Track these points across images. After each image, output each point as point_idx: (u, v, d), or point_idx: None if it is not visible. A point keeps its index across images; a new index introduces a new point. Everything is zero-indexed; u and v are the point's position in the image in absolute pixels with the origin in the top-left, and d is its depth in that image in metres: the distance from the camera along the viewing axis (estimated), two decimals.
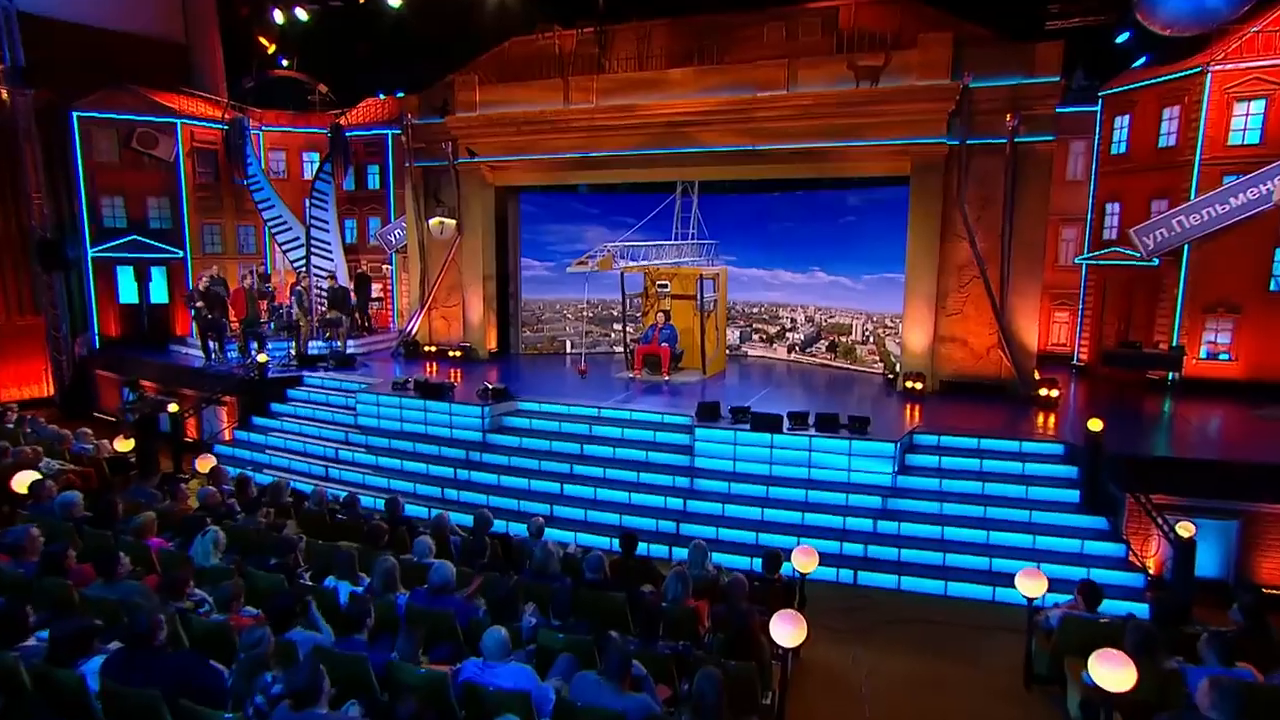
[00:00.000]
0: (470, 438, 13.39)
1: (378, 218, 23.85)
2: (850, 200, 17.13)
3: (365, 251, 24.14)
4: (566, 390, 14.75)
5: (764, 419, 11.64)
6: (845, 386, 15.72)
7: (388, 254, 23.20)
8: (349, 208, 23.99)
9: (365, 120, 23.92)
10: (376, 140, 23.46)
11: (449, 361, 18.31)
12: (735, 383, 16.16)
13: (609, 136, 16.56)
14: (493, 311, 19.20)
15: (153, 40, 23.48)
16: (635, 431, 12.68)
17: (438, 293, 19.40)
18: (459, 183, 18.49)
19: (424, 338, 19.55)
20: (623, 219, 18.08)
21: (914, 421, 12.37)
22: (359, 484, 13.02)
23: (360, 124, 23.76)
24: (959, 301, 14.58)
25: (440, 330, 19.63)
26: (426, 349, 19.15)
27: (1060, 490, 10.44)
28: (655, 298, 17.07)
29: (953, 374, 14.66)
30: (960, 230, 14.27)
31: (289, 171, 24.08)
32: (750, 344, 19.71)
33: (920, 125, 14.11)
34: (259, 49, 22.80)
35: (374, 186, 23.97)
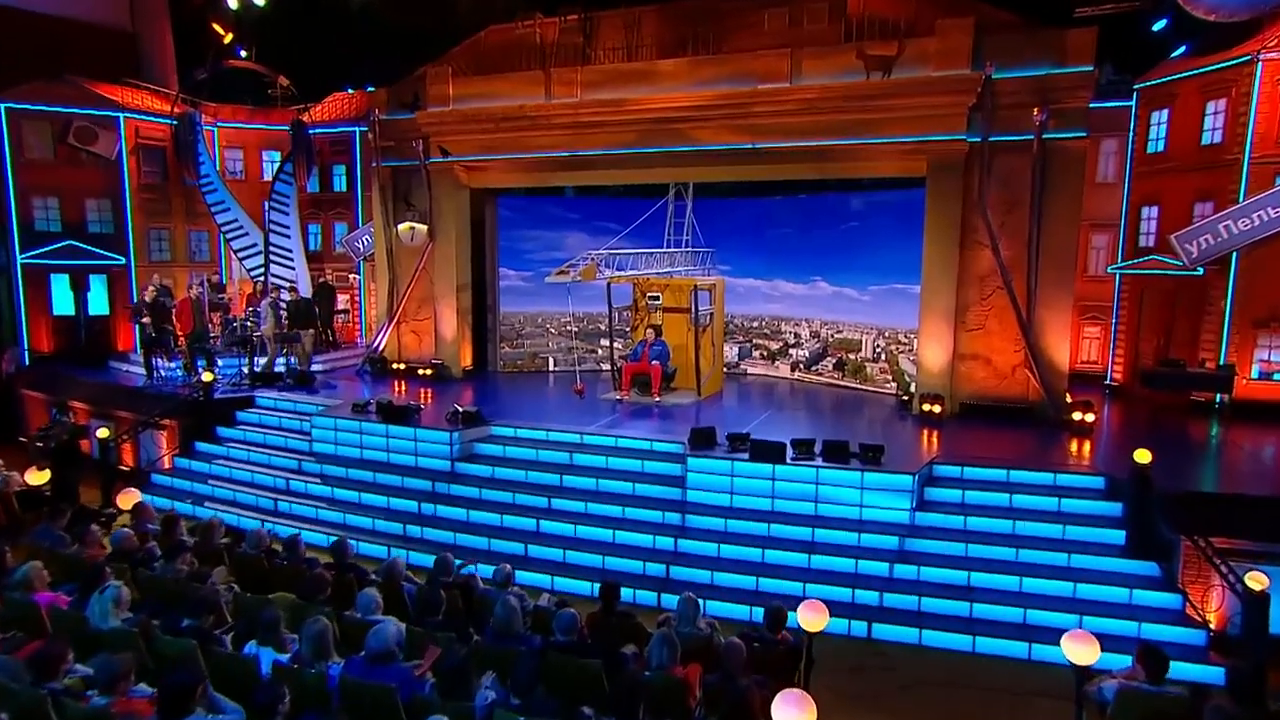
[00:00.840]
0: (437, 467, 12.99)
1: (344, 223, 23.55)
2: (853, 204, 16.94)
3: (330, 259, 23.84)
4: (547, 413, 14.41)
5: (765, 447, 11.23)
6: (855, 409, 15.42)
7: (355, 262, 22.88)
8: (312, 212, 23.72)
9: (331, 116, 23.63)
10: (343, 138, 23.12)
11: (418, 380, 17.95)
12: (733, 405, 15.92)
13: (595, 134, 16.34)
14: (468, 325, 18.91)
15: (96, 28, 23.06)
16: (621, 460, 12.28)
17: (407, 305, 19.06)
18: (430, 184, 18.21)
19: (392, 354, 19.23)
20: (610, 225, 17.86)
21: (933, 450, 12.01)
22: (310, 519, 12.52)
23: (325, 120, 23.46)
24: (981, 315, 14.27)
25: (410, 346, 19.28)
26: (395, 366, 18.81)
27: (1103, 530, 9.98)
28: (645, 311, 16.75)
29: (974, 395, 14.34)
30: (982, 237, 13.97)
31: (247, 172, 23.70)
32: (750, 361, 19.47)
33: (937, 121, 13.82)
34: (214, 38, 22.33)
35: (340, 189, 23.68)
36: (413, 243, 18.38)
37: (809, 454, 11.23)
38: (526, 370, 19.50)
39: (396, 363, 18.90)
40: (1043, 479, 10.78)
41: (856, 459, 10.95)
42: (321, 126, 23.07)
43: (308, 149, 20.67)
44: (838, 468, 10.84)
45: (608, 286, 16.22)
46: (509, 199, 19.36)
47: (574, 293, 17.78)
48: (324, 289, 21.68)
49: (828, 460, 11.04)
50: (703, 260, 18.33)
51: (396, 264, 19.00)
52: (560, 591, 9.99)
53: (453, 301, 18.45)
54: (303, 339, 17.93)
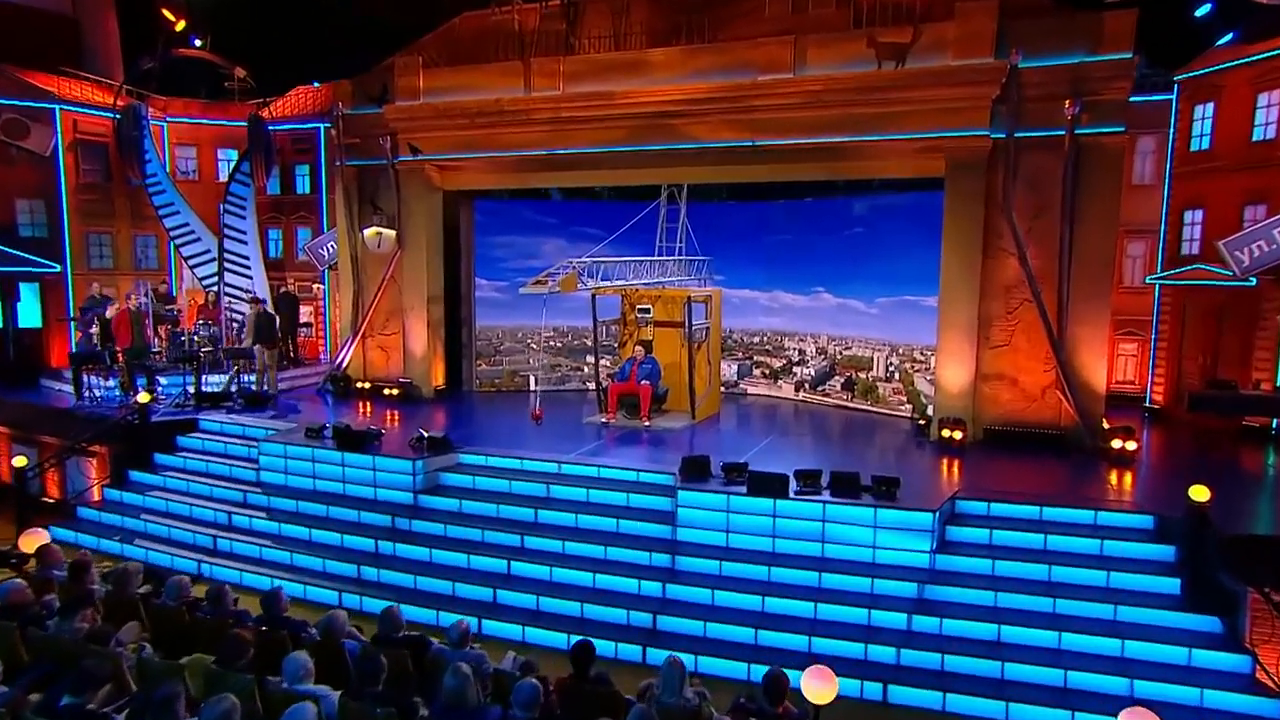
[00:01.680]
0: (398, 500, 12.56)
1: (307, 228, 23.22)
2: (861, 208, 16.81)
3: (293, 268, 23.44)
4: (524, 439, 14.03)
5: (765, 480, 10.81)
6: (866, 435, 15.16)
7: (319, 271, 22.47)
8: (273, 216, 23.39)
9: (294, 112, 23.31)
10: (307, 136, 22.77)
11: (384, 401, 17.57)
12: (731, 429, 15.68)
13: (579, 130, 16.09)
14: (440, 340, 18.53)
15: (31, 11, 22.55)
16: (604, 493, 11.86)
17: (374, 318, 18.67)
18: (399, 186, 17.88)
19: (357, 372, 18.83)
20: (597, 231, 17.55)
21: (955, 483, 11.61)
22: (252, 559, 12.02)
23: (287, 116, 23.14)
24: (1006, 331, 13.94)
25: (377, 363, 18.89)
26: (359, 386, 18.41)
27: (1154, 578, 9.43)
28: (634, 325, 16.47)
29: (999, 420, 14.01)
30: (1007, 243, 13.67)
31: (200, 171, 23.36)
32: (750, 381, 19.20)
33: (957, 114, 13.53)
34: (164, 25, 21.94)
35: (303, 191, 23.38)
36: (380, 249, 18.01)
37: (815, 487, 10.81)
38: (505, 390, 19.14)
39: (361, 381, 18.51)
40: (1081, 517, 10.33)
41: (868, 493, 10.57)
42: (283, 123, 22.71)
43: (267, 147, 20.16)
44: (847, 503, 10.43)
45: (592, 298, 15.86)
46: (486, 202, 19.06)
47: (553, 305, 17.34)
48: (286, 300, 21.21)
49: (836, 494, 10.64)
50: (698, 269, 18.05)
51: (362, 273, 18.62)
52: (532, 644, 9.64)
53: (423, 314, 18.06)
54: (262, 355, 17.40)
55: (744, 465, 11.24)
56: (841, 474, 10.86)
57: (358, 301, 18.66)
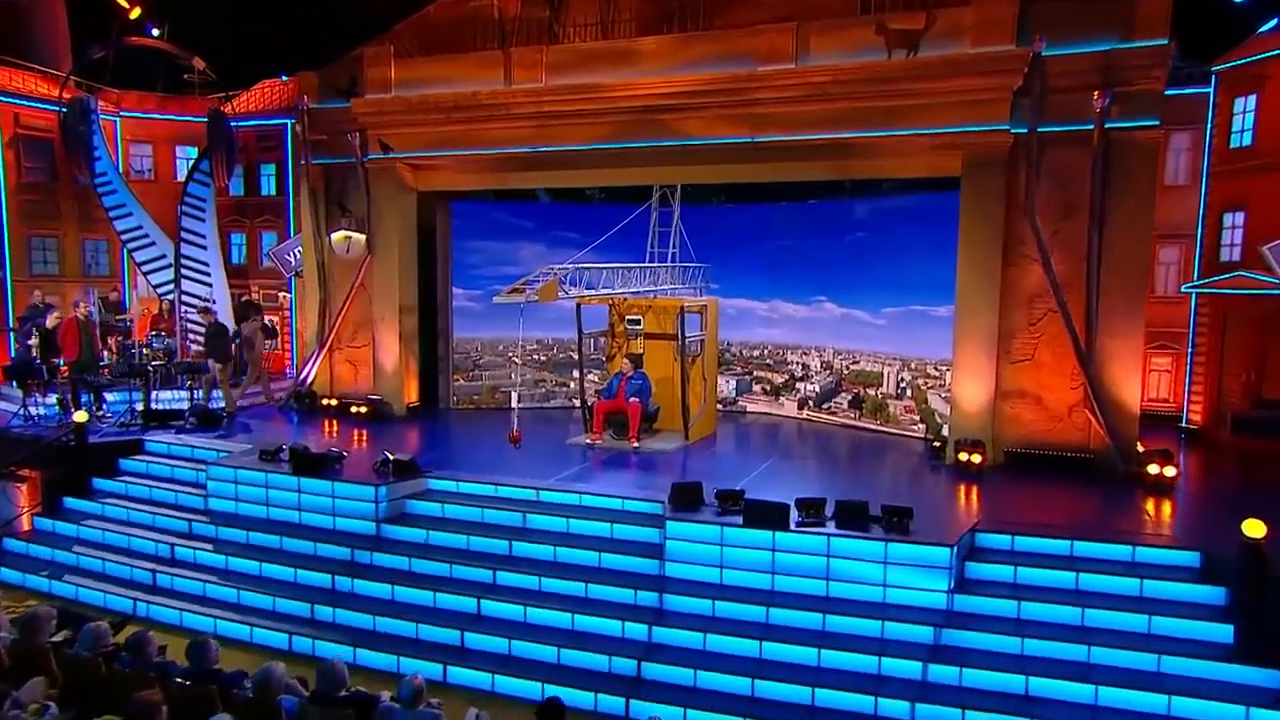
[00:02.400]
0: (359, 530, 12.25)
1: (273, 232, 23.16)
2: (865, 210, 16.88)
3: (257, 275, 23.41)
4: (501, 461, 13.79)
5: (763, 509, 10.49)
6: (875, 457, 15.13)
7: (286, 278, 22.19)
8: (235, 219, 23.28)
9: (259, 107, 23.22)
10: (273, 133, 22.69)
11: (352, 420, 17.25)
12: (728, 451, 15.66)
13: (564, 126, 15.94)
14: (413, 354, 18.30)
15: None
16: (585, 524, 11.58)
17: (341, 329, 18.36)
18: (369, 186, 17.66)
19: (324, 387, 18.50)
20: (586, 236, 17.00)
21: (974, 513, 11.36)
22: (195, 597, 11.64)
23: (252, 111, 23.06)
24: (1029, 345, 13.72)
25: (345, 378, 18.58)
26: (325, 402, 18.04)
27: (1202, 624, 9.01)
28: (624, 338, 16.30)
29: (1022, 442, 13.77)
30: (1030, 248, 13.45)
31: (156, 170, 23.30)
32: (749, 397, 19.09)
33: (975, 107, 13.33)
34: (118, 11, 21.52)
35: (269, 192, 23.36)
36: (348, 255, 17.77)
37: (818, 518, 10.48)
38: (485, 407, 18.91)
39: (327, 398, 18.11)
40: (1118, 553, 9.98)
41: (878, 525, 10.25)
42: (247, 118, 22.54)
43: (229, 145, 19.67)
44: (855, 536, 10.10)
45: (577, 308, 15.65)
46: (464, 204, 18.87)
47: (535, 316, 17.02)
48: (247, 309, 20.63)
49: (842, 526, 10.32)
50: (693, 277, 17.72)
51: (329, 280, 18.34)
52: (502, 695, 9.40)
53: (395, 325, 17.77)
54: (214, 371, 17.10)
55: (740, 493, 10.92)
56: (848, 503, 10.54)
57: (324, 311, 18.36)
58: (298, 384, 18.41)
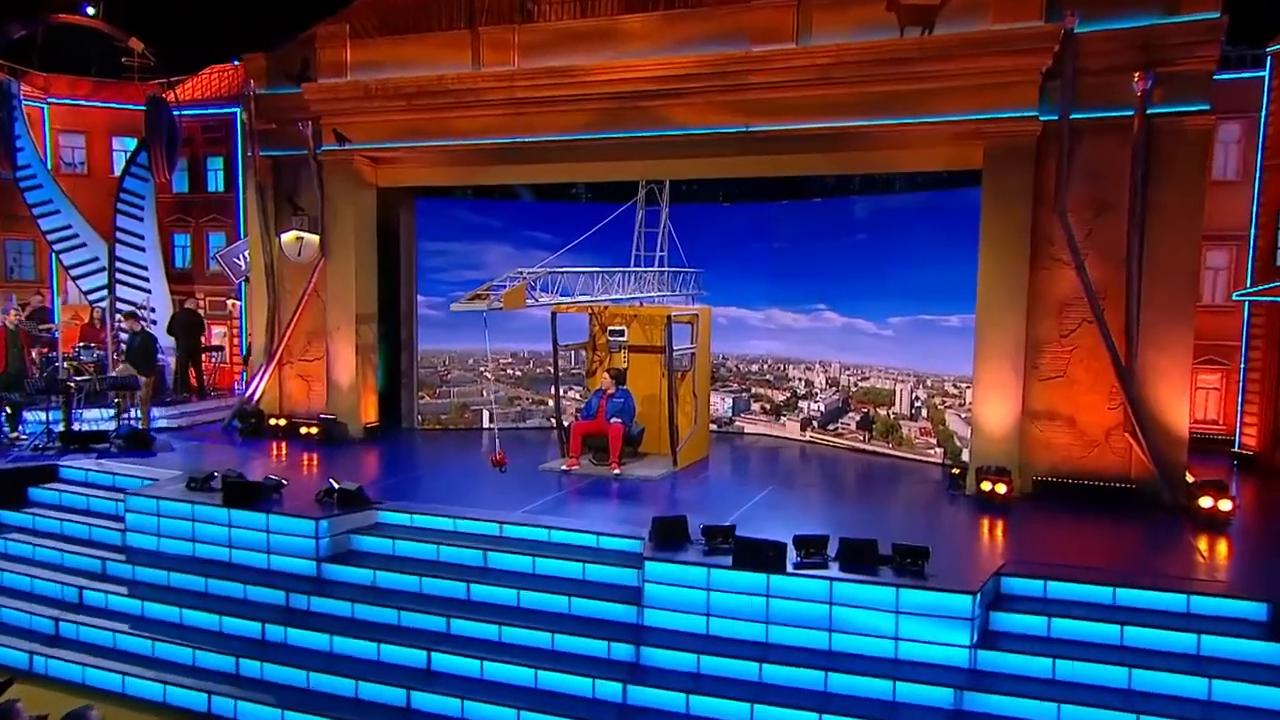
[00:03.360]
0: (297, 570, 11.81)
1: (221, 232, 23.13)
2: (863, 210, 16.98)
3: (203, 280, 23.40)
4: (464, 490, 13.58)
5: (755, 548, 10.07)
6: (887, 486, 14.91)
7: (235, 284, 21.94)
8: (179, 218, 23.32)
9: (206, 94, 23.24)
10: (221, 123, 22.55)
11: (301, 442, 16.96)
12: (721, 478, 15.47)
13: (539, 114, 15.83)
14: (372, 368, 18.07)
15: None
16: (554, 563, 11.22)
17: (292, 340, 18.11)
18: (323, 181, 17.46)
19: (272, 405, 18.26)
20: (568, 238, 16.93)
21: (1000, 553, 11.07)
22: (103, 649, 11.15)
23: (199, 99, 23.09)
24: (1060, 359, 13.53)
25: (296, 395, 18.41)
26: (273, 422, 17.73)
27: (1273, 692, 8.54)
28: (606, 350, 16.12)
29: (1053, 470, 13.56)
30: (1061, 250, 13.27)
31: (90, 164, 23.25)
32: (748, 417, 18.96)
33: (999, 92, 13.17)
34: None
35: (216, 189, 23.30)
36: (300, 258, 17.59)
37: (820, 558, 10.09)
38: (454, 428, 18.74)
39: (276, 417, 17.80)
40: (1169, 603, 9.50)
41: (889, 566, 9.86)
42: (191, 107, 22.48)
43: (170, 135, 19.42)
44: (862, 580, 9.70)
45: (552, 317, 15.42)
46: (431, 202, 18.79)
47: (507, 326, 17.00)
48: (187, 319, 20.57)
49: (847, 568, 9.94)
50: (684, 283, 17.64)
51: (280, 286, 18.10)
52: None
53: (351, 336, 17.50)
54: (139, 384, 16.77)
55: (730, 529, 10.53)
56: (854, 542, 10.13)
57: (273, 321, 18.10)
58: (243, 401, 18.09)
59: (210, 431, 17.95)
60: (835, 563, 10.02)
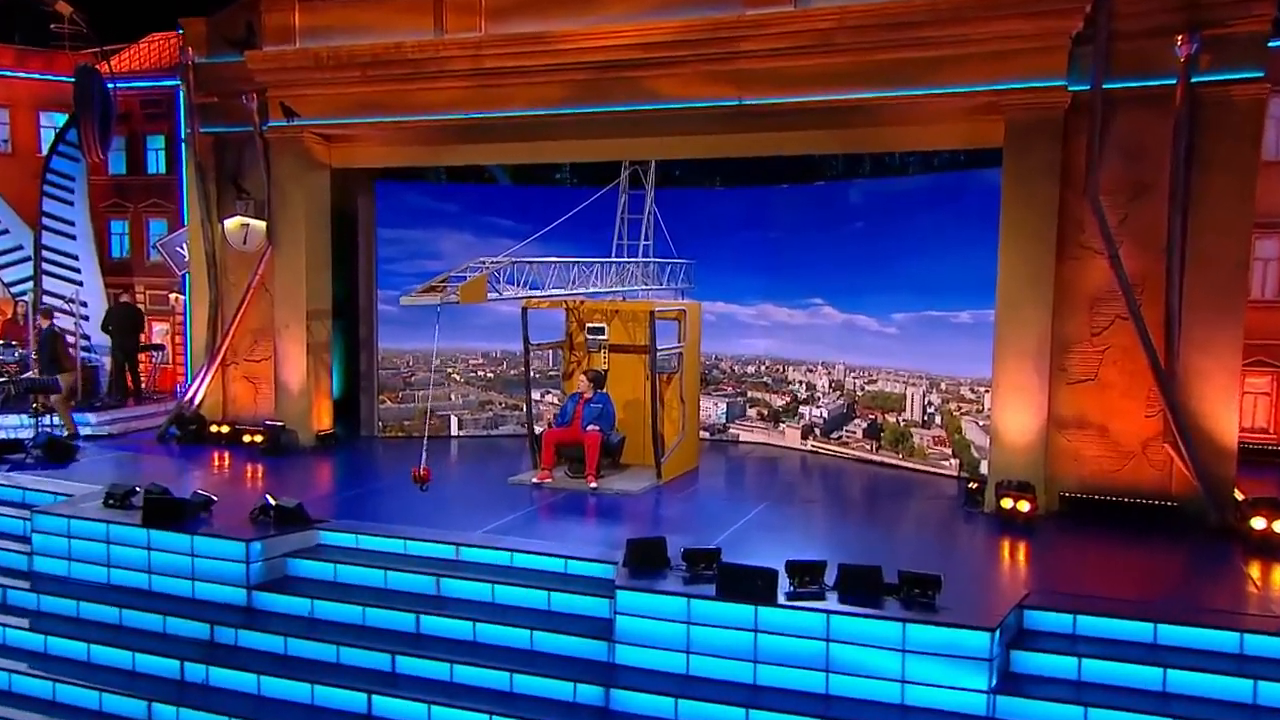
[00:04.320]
0: (225, 599, 11.46)
1: (163, 219, 22.92)
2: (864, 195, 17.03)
3: (143, 271, 23.24)
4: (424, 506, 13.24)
5: (742, 576, 9.75)
6: (895, 502, 14.83)
7: (178, 275, 21.55)
8: (116, 203, 23.23)
9: (145, 65, 23.11)
10: (162, 97, 22.21)
11: (246, 452, 16.78)
12: (711, 493, 15.23)
13: (508, 86, 15.62)
14: (326, 369, 17.96)
15: None
16: (516, 591, 10.89)
17: (237, 338, 18.00)
18: (269, 161, 17.30)
19: (215, 410, 18.11)
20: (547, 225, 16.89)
21: (1023, 581, 10.90)
22: None
23: (137, 71, 22.97)
24: (1090, 360, 13.31)
25: (242, 399, 18.32)
26: (215, 429, 17.56)
27: None
28: (585, 350, 15.95)
29: (1082, 485, 13.33)
30: (1092, 238, 13.04)
31: (14, 141, 23.23)
32: (743, 424, 18.90)
33: (1022, 59, 12.93)
34: None
35: (157, 170, 23.19)
36: (245, 247, 17.48)
37: (816, 588, 9.75)
38: (418, 435, 17.86)
39: (218, 424, 17.61)
40: (1219, 641, 9.12)
41: (895, 597, 9.51)
42: (129, 79, 22.34)
43: (104, 110, 19.17)
44: (864, 614, 9.34)
45: (523, 313, 15.25)
46: (393, 185, 18.68)
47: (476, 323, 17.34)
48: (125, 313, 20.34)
49: (847, 599, 9.58)
50: (672, 275, 17.41)
51: (223, 278, 18.03)
52: None
53: (301, 334, 17.32)
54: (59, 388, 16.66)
55: (714, 553, 10.18)
56: (855, 569, 9.77)
57: (216, 317, 17.98)
58: (181, 406, 17.84)
59: (145, 439, 17.79)
60: (833, 593, 9.69)
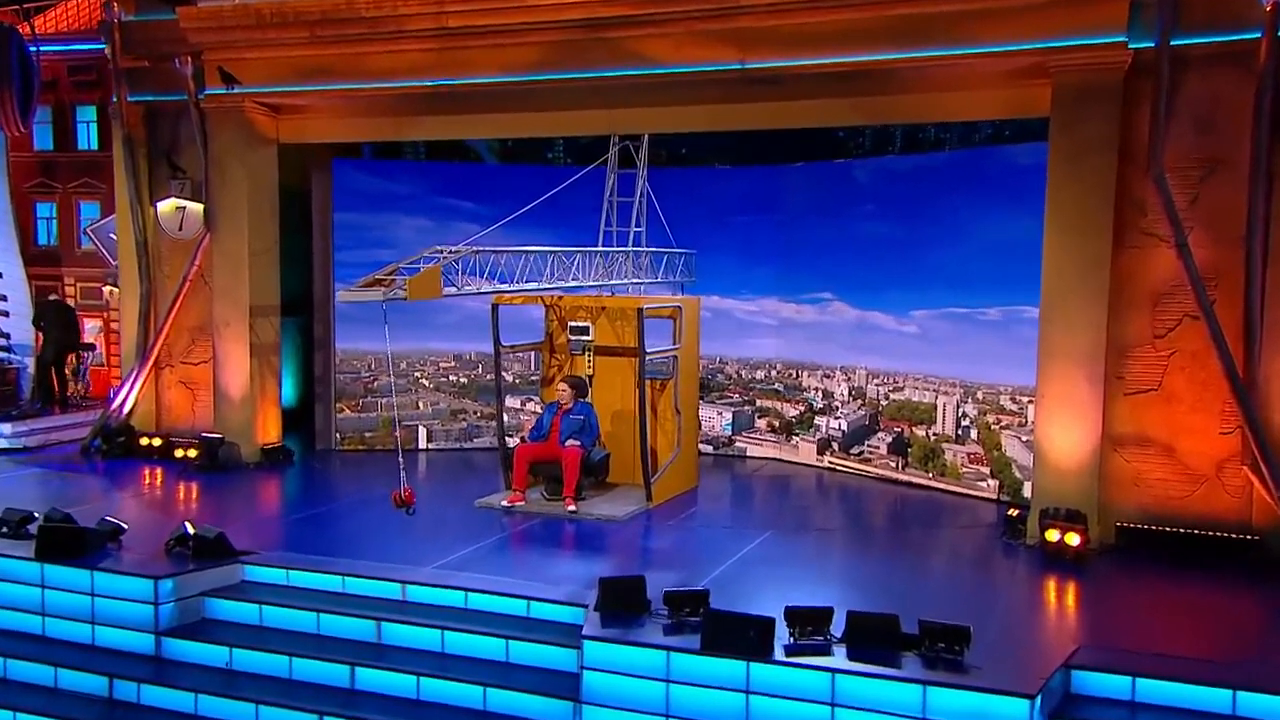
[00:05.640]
0: (129, 646, 11.00)
1: (95, 201, 22.67)
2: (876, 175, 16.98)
3: (73, 261, 23.17)
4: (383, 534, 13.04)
5: (732, 625, 9.25)
6: (922, 532, 14.43)
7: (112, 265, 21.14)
8: (42, 184, 23.24)
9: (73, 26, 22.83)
10: (93, 62, 21.79)
11: (179, 469, 16.49)
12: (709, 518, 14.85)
13: (477, 48, 15.37)
14: (273, 374, 17.70)
15: None
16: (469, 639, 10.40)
17: (173, 338, 17.80)
18: (207, 135, 17.01)
19: (147, 420, 17.87)
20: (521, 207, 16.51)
21: (1071, 633, 10.37)
22: None
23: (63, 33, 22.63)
24: (1154, 367, 12.83)
25: (178, 407, 18.10)
26: (146, 443, 17.28)
27: None
28: (566, 353, 15.86)
29: (1144, 514, 12.80)
30: (1155, 224, 12.52)
31: None
32: (751, 435, 18.77)
33: (1073, 11, 12.43)
34: None
35: (89, 146, 22.95)
36: (182, 233, 17.21)
37: (820, 641, 9.23)
38: (383, 449, 18.18)
39: (150, 436, 17.33)
40: None
41: (915, 652, 8.97)
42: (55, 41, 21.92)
43: (24, 77, 18.72)
44: (877, 674, 8.72)
45: (493, 310, 14.89)
46: (353, 164, 18.66)
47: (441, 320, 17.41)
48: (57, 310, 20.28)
49: (857, 654, 9.01)
50: (670, 267, 17.15)
51: (156, 269, 17.75)
52: None
53: (244, 333, 16.99)
54: None
55: (701, 596, 9.72)
56: (867, 618, 9.20)
57: (148, 312, 17.68)
58: (107, 415, 17.53)
59: (69, 453, 17.56)
60: (841, 646, 9.12)
